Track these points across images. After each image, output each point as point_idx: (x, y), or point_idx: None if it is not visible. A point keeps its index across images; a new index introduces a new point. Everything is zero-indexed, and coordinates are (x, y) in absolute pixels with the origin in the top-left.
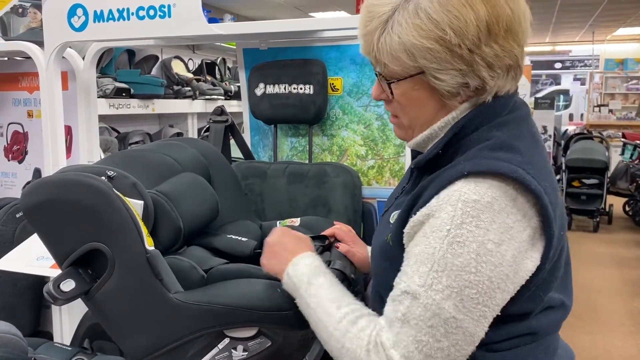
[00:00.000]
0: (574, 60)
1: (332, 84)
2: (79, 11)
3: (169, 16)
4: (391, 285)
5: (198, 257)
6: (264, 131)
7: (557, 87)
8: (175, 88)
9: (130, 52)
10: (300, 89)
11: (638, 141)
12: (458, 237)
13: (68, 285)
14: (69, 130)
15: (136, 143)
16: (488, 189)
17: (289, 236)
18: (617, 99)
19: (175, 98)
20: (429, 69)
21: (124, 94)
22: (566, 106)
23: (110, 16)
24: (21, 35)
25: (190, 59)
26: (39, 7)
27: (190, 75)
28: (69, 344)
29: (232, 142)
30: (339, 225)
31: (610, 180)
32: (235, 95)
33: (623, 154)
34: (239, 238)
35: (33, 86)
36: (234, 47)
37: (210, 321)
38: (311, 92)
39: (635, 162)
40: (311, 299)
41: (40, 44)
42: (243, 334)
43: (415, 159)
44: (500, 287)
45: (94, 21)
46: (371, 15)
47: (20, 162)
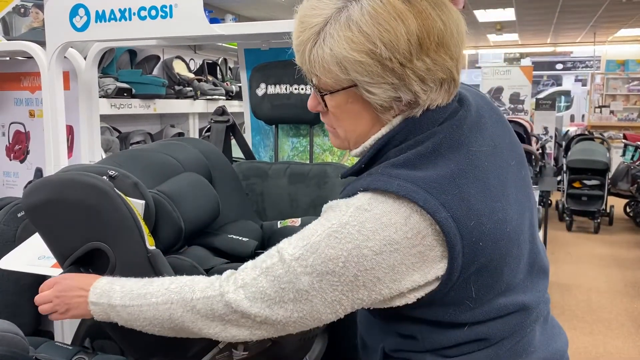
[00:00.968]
0: (575, 61)
1: None
2: (81, 11)
3: (170, 16)
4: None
5: (199, 257)
6: (265, 131)
7: (559, 88)
8: (177, 88)
9: (132, 52)
10: (302, 89)
11: (639, 142)
12: (337, 233)
13: None
14: (70, 130)
15: (137, 143)
16: (380, 204)
17: (63, 281)
18: (619, 100)
19: (177, 98)
20: (361, 82)
21: (125, 94)
22: (567, 107)
23: (112, 16)
24: (23, 35)
25: (191, 59)
26: (41, 7)
27: (191, 76)
28: (69, 343)
29: (234, 142)
30: None
31: (611, 182)
32: (237, 96)
33: (624, 155)
34: (240, 238)
35: (35, 86)
36: (235, 48)
37: None
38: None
39: (637, 164)
40: (134, 301)
41: (42, 43)
42: None
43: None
44: (366, 286)
45: (96, 21)
46: (303, 26)
47: (21, 162)
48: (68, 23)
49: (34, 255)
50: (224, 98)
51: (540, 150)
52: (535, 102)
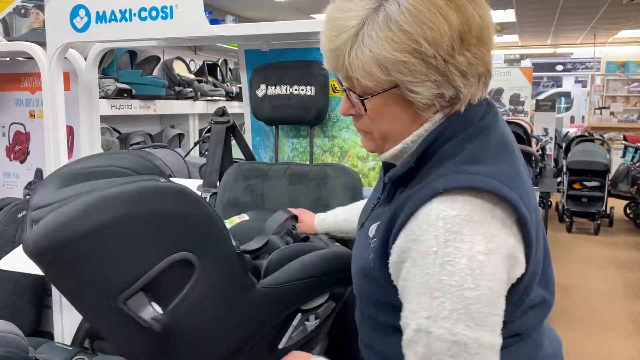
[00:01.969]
0: (575, 62)
1: (334, 85)
2: (82, 12)
3: (170, 17)
4: (379, 302)
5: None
6: (265, 132)
7: (559, 90)
8: (177, 89)
9: (132, 53)
10: (302, 90)
11: (639, 144)
12: (447, 257)
13: (145, 311)
14: (70, 131)
15: (137, 144)
16: (464, 203)
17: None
18: (619, 102)
19: (177, 99)
20: (404, 82)
21: (125, 95)
22: (567, 108)
23: (113, 17)
24: (23, 35)
25: (191, 60)
26: (41, 8)
27: (191, 76)
28: (69, 343)
29: (234, 143)
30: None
31: (612, 183)
32: (237, 96)
33: (624, 156)
34: None
35: (35, 86)
36: (235, 48)
37: (290, 300)
38: (312, 94)
39: (637, 165)
40: None
41: (43, 44)
42: (316, 303)
43: (387, 170)
44: (501, 293)
45: (96, 22)
46: (338, 29)
47: (22, 162)
48: (68, 24)
49: None
50: (224, 99)
51: (540, 152)
52: (535, 104)
